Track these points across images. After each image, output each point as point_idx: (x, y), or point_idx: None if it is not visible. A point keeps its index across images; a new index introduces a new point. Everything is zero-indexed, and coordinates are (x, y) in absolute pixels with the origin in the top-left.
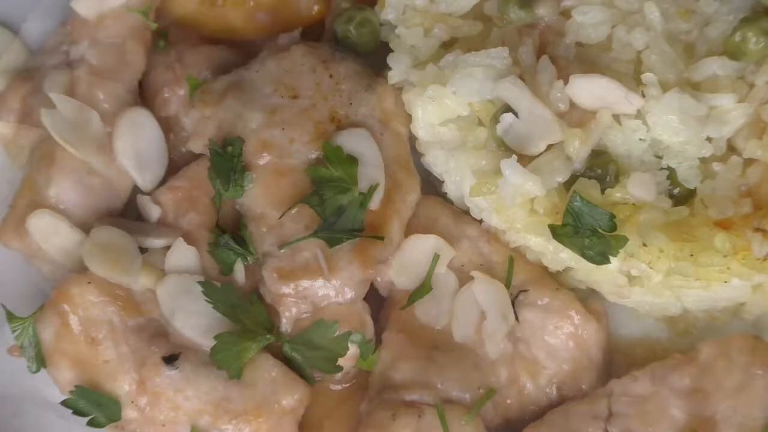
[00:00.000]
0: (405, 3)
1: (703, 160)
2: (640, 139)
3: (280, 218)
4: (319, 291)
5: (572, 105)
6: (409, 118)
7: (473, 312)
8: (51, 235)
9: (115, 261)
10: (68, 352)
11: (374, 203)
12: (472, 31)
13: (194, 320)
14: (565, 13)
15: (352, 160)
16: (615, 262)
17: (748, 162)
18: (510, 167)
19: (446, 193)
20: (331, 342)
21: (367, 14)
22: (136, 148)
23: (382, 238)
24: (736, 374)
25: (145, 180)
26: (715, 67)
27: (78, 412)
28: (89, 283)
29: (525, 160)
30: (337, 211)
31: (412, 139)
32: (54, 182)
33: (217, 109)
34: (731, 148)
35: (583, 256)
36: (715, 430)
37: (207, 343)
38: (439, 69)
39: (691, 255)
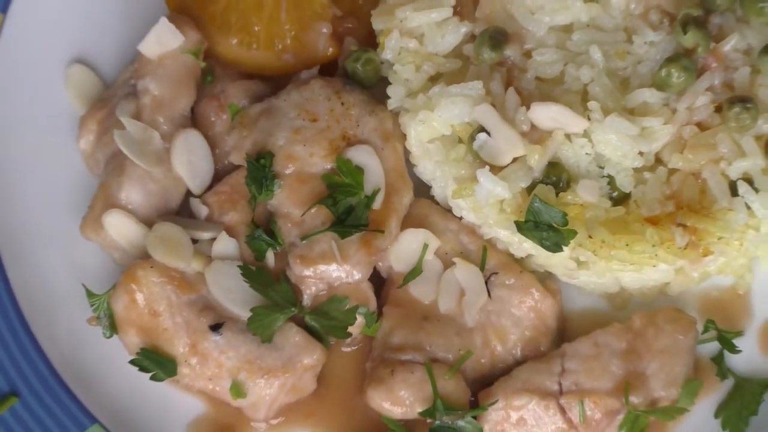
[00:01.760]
0: (400, 45)
1: (636, 170)
2: (587, 153)
3: (302, 216)
4: (333, 273)
5: (533, 126)
6: (404, 136)
7: (455, 290)
8: (121, 229)
9: (172, 250)
10: (135, 322)
11: (376, 204)
12: (453, 68)
13: (234, 296)
14: (527, 54)
15: (359, 170)
16: (566, 250)
17: (672, 171)
18: (484, 176)
19: (434, 196)
20: (342, 314)
21: (371, 55)
22: (188, 161)
23: (382, 232)
24: (663, 339)
25: (195, 185)
26: (646, 96)
27: (143, 370)
28: (152, 267)
29: (495, 169)
30: (347, 210)
31: (407, 153)
32: (124, 188)
33: (252, 130)
34: (658, 160)
35: (541, 245)
36: (646, 383)
37: (244, 314)
38: (428, 98)
39: (627, 245)
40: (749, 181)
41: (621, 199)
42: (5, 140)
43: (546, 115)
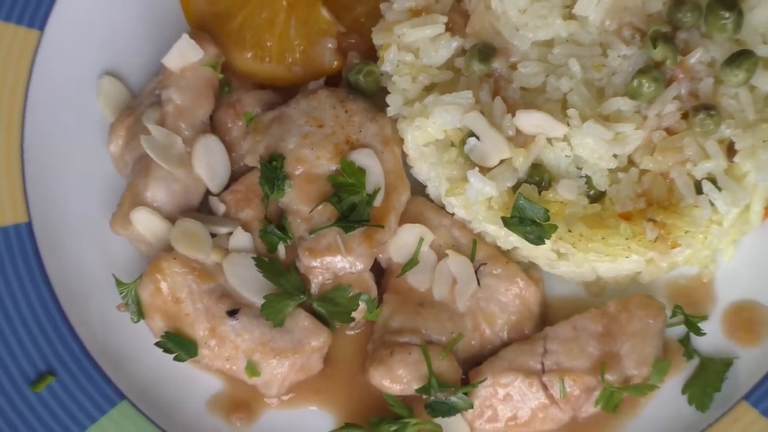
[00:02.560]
0: (398, 59)
1: (611, 171)
2: (566, 156)
3: (310, 212)
4: (338, 264)
5: (518, 131)
6: (401, 141)
7: (448, 279)
8: (147, 225)
9: (193, 243)
10: (159, 308)
11: (377, 202)
12: (445, 79)
13: (249, 285)
14: (512, 66)
15: (361, 171)
16: (548, 243)
17: (643, 172)
18: (474, 176)
19: (428, 194)
20: (346, 300)
21: (371, 67)
22: (208, 163)
23: (382, 227)
24: (635, 323)
25: (214, 185)
26: (619, 104)
27: (167, 351)
28: (175, 259)
29: (484, 170)
30: (350, 207)
31: (404, 156)
32: (149, 187)
33: (265, 135)
34: (631, 162)
35: (526, 239)
36: (620, 362)
37: (258, 301)
38: (423, 106)
39: (603, 238)
40: (713, 180)
41: (597, 196)
42: (44, 145)
43: (529, 121)
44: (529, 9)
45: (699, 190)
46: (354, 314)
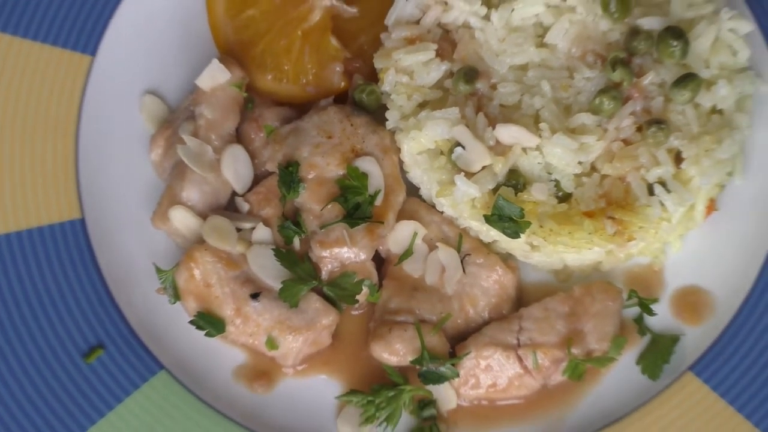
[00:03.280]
0: (396, 80)
1: (576, 175)
2: (538, 163)
3: (320, 210)
4: (344, 254)
5: (497, 142)
6: (399, 150)
7: (438, 267)
8: (183, 221)
9: (222, 236)
10: (193, 292)
11: (378, 202)
12: (436, 97)
13: (269, 272)
14: (493, 87)
15: (364, 175)
16: (523, 237)
17: (603, 176)
18: (460, 180)
19: (421, 195)
20: (351, 285)
21: (373, 87)
22: (234, 168)
23: (382, 223)
24: (596, 305)
25: (239, 187)
26: (584, 119)
27: (199, 328)
28: (206, 250)
29: (469, 175)
30: (355, 206)
31: (401, 162)
32: (185, 189)
33: (283, 145)
34: (593, 168)
35: (504, 233)
36: (583, 338)
37: (277, 285)
38: (417, 120)
39: (569, 233)
40: (663, 184)
41: (565, 197)
42: (95, 153)
43: (507, 133)
44: (507, 38)
45: (651, 192)
46: (358, 297)
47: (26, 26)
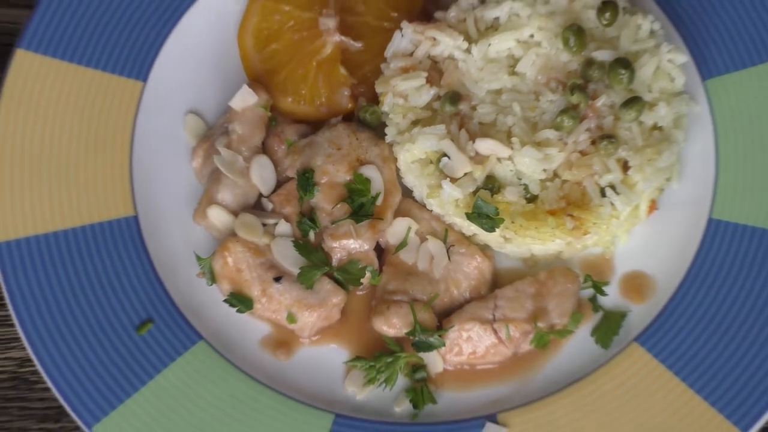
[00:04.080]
0: (393, 102)
1: (542, 180)
2: (510, 170)
3: (331, 209)
4: (351, 246)
5: (477, 153)
6: (396, 159)
7: (428, 255)
8: (218, 218)
9: (250, 230)
10: (226, 276)
11: (378, 202)
12: (426, 116)
13: (289, 260)
14: (473, 108)
15: (367, 181)
16: (498, 231)
17: (564, 181)
18: (446, 184)
19: (414, 197)
20: (357, 271)
21: (375, 108)
22: (261, 175)
23: (382, 219)
24: (558, 287)
25: (265, 190)
26: (548, 134)
27: (231, 306)
28: (237, 241)
29: (453, 180)
30: (360, 206)
31: (398, 170)
32: (220, 192)
33: (300, 155)
34: (556, 174)
35: (482, 228)
36: (547, 315)
37: (296, 271)
38: (411, 135)
39: (536, 228)
40: (613, 187)
41: (532, 198)
42: (146, 162)
43: (485, 146)
44: (484, 68)
45: (603, 195)
46: (362, 280)
47: (89, 56)
